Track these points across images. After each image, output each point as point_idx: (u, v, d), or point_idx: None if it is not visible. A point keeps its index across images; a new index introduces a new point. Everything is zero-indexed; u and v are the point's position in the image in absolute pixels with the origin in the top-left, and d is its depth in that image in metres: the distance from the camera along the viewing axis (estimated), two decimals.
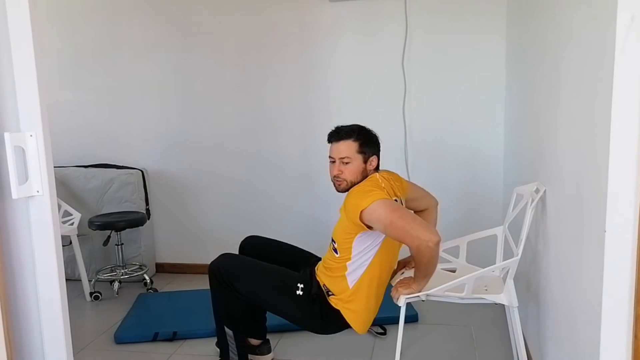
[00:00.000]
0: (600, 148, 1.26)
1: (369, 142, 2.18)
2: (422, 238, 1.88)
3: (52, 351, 1.48)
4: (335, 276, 2.15)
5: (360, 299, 2.13)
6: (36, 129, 1.38)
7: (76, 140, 3.83)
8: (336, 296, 2.15)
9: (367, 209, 1.96)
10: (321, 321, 2.18)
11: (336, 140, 2.17)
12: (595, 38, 1.33)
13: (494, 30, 3.24)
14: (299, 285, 2.17)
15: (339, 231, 2.15)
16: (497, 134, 3.31)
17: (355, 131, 2.17)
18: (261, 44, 3.53)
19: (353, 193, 2.09)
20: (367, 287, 2.13)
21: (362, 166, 2.16)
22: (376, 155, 2.20)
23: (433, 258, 1.93)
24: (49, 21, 3.73)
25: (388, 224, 1.95)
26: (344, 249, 2.12)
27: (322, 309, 2.16)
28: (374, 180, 2.13)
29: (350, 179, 2.15)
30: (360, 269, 2.11)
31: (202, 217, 3.79)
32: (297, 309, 2.19)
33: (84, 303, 3.29)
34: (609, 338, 1.26)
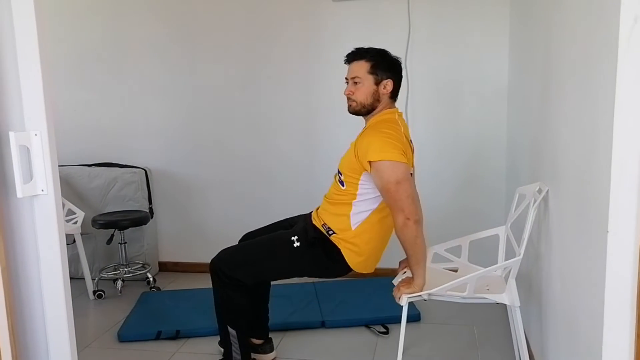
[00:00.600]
0: (602, 148, 1.26)
1: (382, 64, 2.13)
2: (405, 212, 1.92)
3: (56, 349, 1.49)
4: (338, 214, 2.14)
5: (361, 243, 2.13)
6: (41, 128, 1.38)
7: (80, 139, 3.84)
8: (337, 234, 2.14)
9: (376, 162, 1.96)
10: (328, 260, 2.16)
11: (350, 60, 2.18)
12: (599, 38, 1.33)
13: (497, 30, 3.24)
14: (293, 238, 2.16)
15: (345, 164, 2.14)
16: (499, 133, 3.31)
17: (369, 52, 2.15)
18: (265, 44, 3.54)
19: (370, 132, 2.06)
20: (370, 231, 2.12)
21: (374, 88, 2.12)
22: (392, 80, 2.13)
23: (415, 238, 1.95)
24: (53, 20, 3.74)
25: (386, 185, 1.96)
26: (350, 182, 2.10)
27: (324, 249, 2.15)
28: (394, 123, 2.09)
29: (360, 99, 2.13)
30: (366, 212, 2.11)
31: (205, 216, 3.79)
32: (301, 260, 2.17)
33: (87, 301, 3.30)
34: (611, 338, 1.26)
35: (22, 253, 1.44)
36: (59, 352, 1.49)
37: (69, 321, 1.49)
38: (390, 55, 2.18)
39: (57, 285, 1.46)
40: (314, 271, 2.26)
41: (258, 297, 2.40)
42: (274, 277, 2.34)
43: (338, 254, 2.14)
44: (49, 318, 1.47)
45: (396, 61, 2.17)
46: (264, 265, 2.21)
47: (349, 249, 2.14)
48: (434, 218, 2.84)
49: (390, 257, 2.40)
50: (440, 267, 2.35)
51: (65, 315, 1.48)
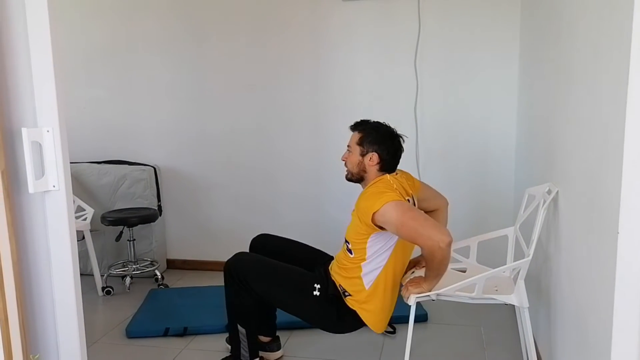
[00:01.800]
0: (613, 149, 1.26)
1: (370, 137, 2.17)
2: (434, 239, 1.88)
3: (66, 344, 1.50)
4: (351, 277, 2.16)
5: (376, 300, 2.14)
6: (53, 124, 1.39)
7: (90, 137, 3.86)
8: (353, 297, 2.15)
9: (379, 210, 1.96)
10: (337, 321, 2.18)
11: (351, 129, 2.25)
12: (610, 39, 1.32)
13: (507, 30, 3.22)
14: (316, 285, 2.17)
15: (351, 232, 2.16)
16: (509, 134, 3.30)
17: (362, 124, 2.22)
18: (274, 42, 3.54)
19: (365, 195, 2.10)
20: (383, 287, 2.13)
21: (359, 159, 2.17)
22: (378, 154, 2.16)
23: (445, 259, 1.93)
24: (65, 18, 3.77)
25: (400, 225, 1.95)
26: (358, 249, 2.12)
27: (338, 309, 2.16)
28: (385, 182, 2.13)
29: (349, 167, 2.22)
30: (376, 270, 2.12)
31: (214, 214, 3.81)
32: (314, 309, 2.19)
33: (96, 298, 3.32)
34: (621, 340, 1.26)
35: (33, 248, 1.46)
36: (69, 347, 1.51)
37: (79, 316, 1.50)
38: (386, 129, 2.20)
39: (67, 281, 1.48)
40: (318, 323, 2.29)
41: None
42: (280, 307, 2.34)
43: (349, 316, 2.15)
44: (59, 313, 1.49)
45: (391, 136, 2.19)
46: (277, 292, 2.22)
47: (365, 309, 2.15)
48: None
49: None
50: (448, 268, 2.33)
51: (75, 310, 1.49)
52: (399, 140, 2.20)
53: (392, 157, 2.19)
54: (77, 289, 1.49)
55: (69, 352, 1.50)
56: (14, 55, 1.36)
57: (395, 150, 2.19)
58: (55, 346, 1.51)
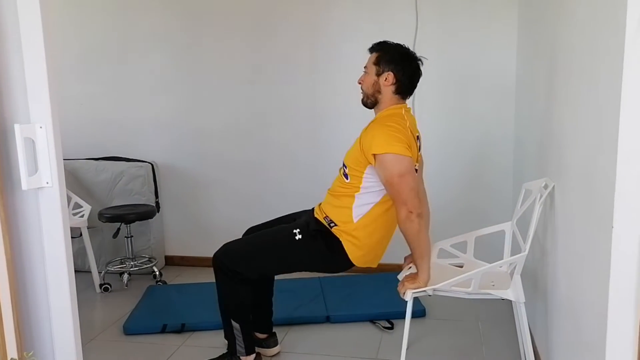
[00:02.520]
0: (608, 144, 1.25)
1: (387, 56, 2.12)
2: (407, 204, 1.93)
3: (61, 342, 1.50)
4: (341, 206, 2.14)
5: (362, 234, 2.12)
6: (46, 120, 1.39)
7: (87, 133, 3.85)
8: (339, 227, 2.14)
9: (382, 155, 1.97)
10: (330, 253, 2.16)
11: (369, 51, 2.20)
12: (605, 35, 1.32)
13: (505, 24, 3.21)
14: (295, 231, 2.16)
15: (351, 157, 2.14)
16: (506, 128, 3.29)
17: (380, 44, 2.16)
18: (272, 38, 3.53)
19: (375, 126, 2.07)
20: (373, 225, 2.12)
21: (375, 79, 2.12)
22: (393, 73, 2.10)
23: (418, 232, 1.96)
24: (59, 13, 3.75)
25: (389, 177, 1.97)
26: (354, 175, 2.11)
27: (326, 242, 2.15)
28: (399, 118, 2.08)
29: (364, 89, 2.17)
30: (368, 205, 2.11)
31: (212, 210, 3.80)
32: (302, 252, 2.17)
33: (94, 294, 3.32)
34: (615, 333, 1.25)
35: (27, 245, 1.46)
36: (64, 344, 1.51)
37: (74, 314, 1.50)
38: (404, 50, 2.15)
39: (62, 278, 1.48)
40: (315, 264, 2.27)
41: (262, 291, 2.41)
42: (276, 271, 2.35)
43: (339, 246, 2.14)
44: (53, 310, 1.49)
45: (408, 57, 2.14)
46: (265, 258, 2.21)
47: (350, 241, 2.13)
48: (441, 214, 2.83)
49: (396, 252, 2.40)
50: (445, 263, 2.34)
51: (70, 307, 1.49)
52: (417, 63, 2.14)
53: (409, 80, 2.14)
54: (72, 286, 1.49)
55: (64, 350, 1.50)
56: (5, 51, 1.36)
57: (412, 72, 2.14)
58: (51, 343, 1.51)
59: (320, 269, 2.30)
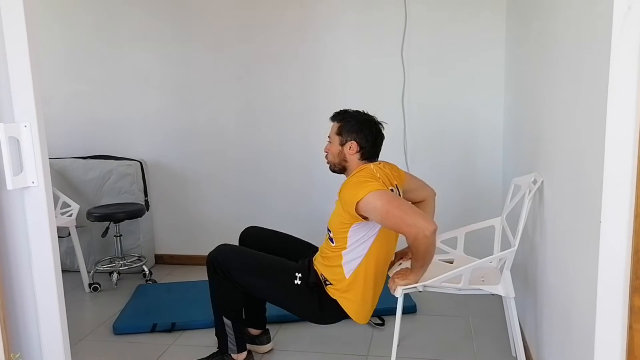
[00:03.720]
0: (596, 139, 1.26)
1: (348, 126, 2.16)
2: (418, 226, 1.88)
3: (49, 343, 1.49)
4: (332, 265, 2.15)
5: (357, 289, 2.13)
6: (30, 119, 1.37)
7: (74, 132, 3.82)
8: (334, 286, 2.15)
9: (363, 200, 1.95)
10: (319, 311, 2.18)
11: (332, 120, 2.25)
12: (592, 28, 1.32)
13: (494, 21, 3.22)
14: (297, 274, 2.17)
15: (334, 221, 2.15)
16: (496, 124, 3.30)
17: (341, 114, 2.21)
18: (260, 34, 3.51)
19: (348, 184, 2.08)
20: (364, 277, 2.13)
21: (339, 149, 2.17)
22: (357, 142, 2.14)
23: (430, 247, 1.92)
24: (46, 10, 3.71)
25: (385, 213, 1.95)
26: (339, 238, 2.12)
27: (320, 298, 2.16)
28: (368, 171, 2.12)
29: (330, 159, 2.22)
30: (357, 259, 2.11)
31: (202, 209, 3.79)
32: (295, 298, 2.19)
33: (83, 294, 3.29)
34: (604, 328, 1.26)
35: (13, 245, 1.44)
36: (52, 345, 1.49)
37: (62, 314, 1.49)
38: (362, 117, 2.19)
39: (49, 278, 1.46)
40: (301, 312, 2.28)
41: None
42: (262, 297, 2.35)
43: (331, 305, 2.15)
44: (41, 311, 1.47)
45: (369, 124, 2.17)
46: (258, 283, 2.20)
47: (345, 298, 2.14)
48: None
49: None
50: (436, 259, 2.34)
51: (57, 307, 1.47)
52: (378, 127, 2.18)
53: (372, 145, 2.17)
54: (59, 286, 1.48)
55: (52, 351, 1.48)
56: None
57: (374, 137, 2.17)
58: (38, 345, 1.49)
59: (303, 316, 2.31)
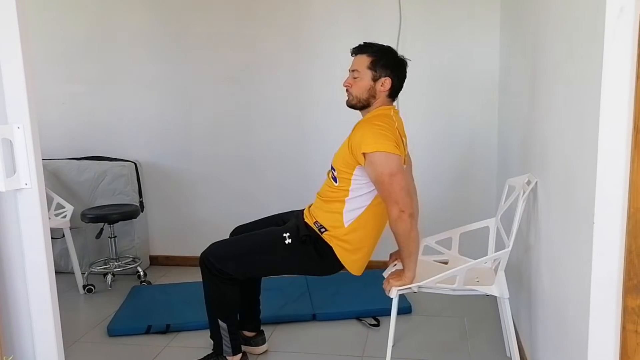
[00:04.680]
0: (589, 140, 1.26)
1: (383, 61, 2.10)
2: (400, 205, 1.92)
3: (42, 345, 1.48)
4: (331, 211, 2.13)
5: (354, 239, 2.12)
6: (24, 121, 1.36)
7: (69, 133, 3.81)
8: (330, 232, 2.12)
9: (370, 154, 1.95)
10: (320, 259, 2.14)
11: (355, 53, 2.15)
12: (585, 30, 1.33)
13: (488, 22, 3.23)
14: (285, 235, 2.14)
15: (339, 159, 2.12)
16: (491, 125, 3.31)
17: (372, 47, 2.12)
18: (255, 34, 3.51)
19: (364, 126, 2.05)
20: (364, 229, 2.11)
21: (371, 84, 2.10)
22: (390, 78, 2.10)
23: (408, 231, 1.95)
24: (40, 11, 3.69)
25: (379, 175, 1.95)
26: (343, 178, 2.09)
27: (316, 247, 2.13)
28: (388, 119, 2.07)
29: (356, 93, 2.11)
30: (359, 209, 2.10)
31: (197, 209, 3.78)
32: (292, 257, 2.16)
33: (77, 296, 3.28)
34: (597, 329, 1.27)
35: (6, 248, 1.43)
36: (45, 347, 1.48)
37: (55, 316, 1.48)
38: (395, 54, 2.15)
39: (42, 280, 1.45)
40: (304, 268, 2.26)
41: (249, 289, 2.40)
42: (264, 273, 2.34)
43: (329, 251, 2.13)
44: (34, 313, 1.46)
45: (400, 61, 2.14)
46: (254, 260, 2.19)
47: (341, 246, 2.13)
48: (426, 210, 2.83)
49: (382, 249, 2.39)
50: (430, 260, 2.35)
51: (51, 310, 1.46)
52: (406, 66, 2.17)
53: (400, 84, 2.15)
54: (53, 289, 1.47)
55: (46, 353, 1.48)
56: None
57: (404, 75, 2.15)
58: (32, 347, 1.48)
59: (308, 272, 2.30)
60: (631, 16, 1.12)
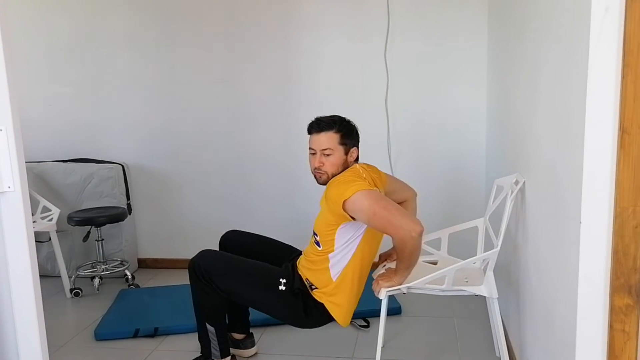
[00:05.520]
0: (576, 140, 1.27)
1: (349, 133, 2.16)
2: (405, 228, 1.88)
3: (27, 351, 1.46)
4: (318, 269, 2.14)
5: (344, 292, 2.12)
6: (6, 123, 1.34)
7: (55, 135, 3.77)
8: (320, 290, 2.14)
9: (350, 199, 1.94)
10: (304, 316, 2.16)
11: (317, 131, 2.13)
12: (571, 30, 1.33)
13: (476, 23, 3.24)
14: (282, 280, 2.15)
15: (320, 224, 2.14)
16: (479, 125, 3.32)
17: (336, 123, 2.14)
18: (243, 35, 3.50)
19: (334, 183, 2.06)
20: (351, 279, 2.12)
21: (343, 158, 2.14)
22: (356, 147, 2.19)
23: (416, 249, 1.93)
24: (25, 11, 3.65)
25: (372, 214, 1.94)
26: (326, 241, 2.11)
27: (305, 303, 2.14)
28: (354, 171, 2.12)
29: (331, 171, 2.12)
30: (344, 260, 2.10)
31: (185, 211, 3.75)
32: (280, 304, 2.17)
33: (64, 300, 3.24)
34: (585, 328, 1.27)
35: None
36: (30, 352, 1.46)
37: (40, 321, 1.46)
38: (351, 122, 2.20)
39: (26, 285, 1.43)
40: (285, 318, 2.26)
41: None
42: (245, 303, 2.33)
43: (315, 310, 2.14)
44: (18, 318, 1.44)
45: (355, 127, 2.20)
46: (241, 289, 2.17)
47: (332, 302, 2.13)
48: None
49: None
50: (419, 260, 2.34)
51: (35, 314, 1.44)
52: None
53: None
54: (37, 293, 1.45)
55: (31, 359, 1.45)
56: None
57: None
58: (16, 353, 1.46)
59: (287, 321, 2.29)
60: (616, 16, 1.12)
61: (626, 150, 1.16)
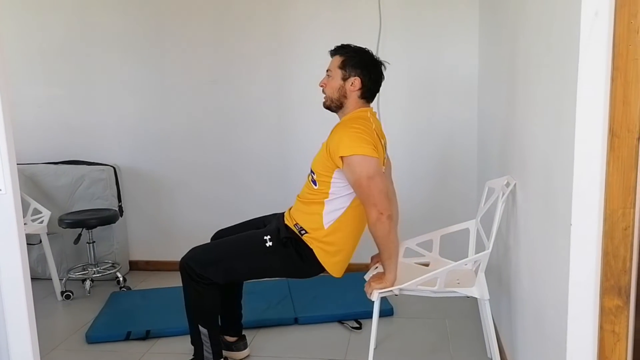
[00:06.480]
0: (566, 142, 1.28)
1: (353, 60, 2.10)
2: (378, 207, 1.93)
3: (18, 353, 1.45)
4: (311, 213, 2.13)
5: (334, 242, 2.12)
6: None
7: (46, 137, 3.74)
8: (310, 234, 2.12)
9: (348, 157, 1.96)
10: (301, 261, 2.14)
11: (332, 53, 2.17)
12: (561, 33, 1.35)
13: (467, 24, 3.26)
14: (266, 237, 2.14)
15: (318, 162, 2.13)
16: (471, 127, 3.34)
17: (347, 48, 2.14)
18: (235, 36, 3.49)
19: (341, 129, 2.06)
20: (343, 230, 2.12)
21: (340, 83, 2.11)
22: (360, 78, 2.10)
23: (386, 233, 1.96)
24: (16, 13, 3.63)
25: (358, 179, 1.96)
26: (322, 181, 2.10)
27: (297, 249, 2.13)
28: (365, 121, 2.08)
29: (329, 94, 2.14)
30: (338, 211, 2.10)
31: (176, 214, 3.74)
32: (275, 260, 2.15)
33: (55, 302, 3.22)
34: (576, 329, 1.28)
35: None
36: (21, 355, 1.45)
37: (31, 324, 1.45)
38: (369, 54, 2.16)
39: (17, 289, 1.42)
40: (285, 271, 2.25)
41: (231, 294, 2.38)
42: (246, 277, 2.33)
43: (310, 254, 2.13)
44: (9, 321, 1.43)
45: (374, 61, 2.15)
46: (235, 264, 2.18)
47: (322, 248, 2.12)
48: (407, 213, 2.84)
49: (362, 252, 2.40)
50: (411, 262, 2.36)
51: (26, 318, 1.44)
52: (381, 67, 2.16)
53: (374, 84, 2.15)
54: (29, 296, 1.44)
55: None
56: None
57: (377, 76, 2.15)
58: (7, 356, 1.45)
59: (290, 274, 2.28)
60: (605, 20, 1.14)
61: (616, 153, 1.17)
